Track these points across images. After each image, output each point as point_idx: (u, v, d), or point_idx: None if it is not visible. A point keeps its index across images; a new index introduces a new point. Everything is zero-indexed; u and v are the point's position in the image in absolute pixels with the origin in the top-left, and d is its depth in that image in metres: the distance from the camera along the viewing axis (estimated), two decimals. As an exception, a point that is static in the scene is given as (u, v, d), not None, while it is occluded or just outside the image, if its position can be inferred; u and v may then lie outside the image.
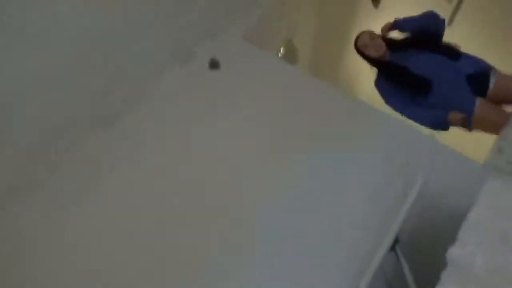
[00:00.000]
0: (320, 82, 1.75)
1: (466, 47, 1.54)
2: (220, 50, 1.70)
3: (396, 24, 1.52)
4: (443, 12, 1.72)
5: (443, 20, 1.52)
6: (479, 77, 1.45)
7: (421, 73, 1.46)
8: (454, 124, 1.45)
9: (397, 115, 1.57)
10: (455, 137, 1.68)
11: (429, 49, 1.50)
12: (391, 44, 1.51)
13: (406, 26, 1.52)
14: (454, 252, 0.87)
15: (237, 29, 1.78)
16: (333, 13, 2.30)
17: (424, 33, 1.49)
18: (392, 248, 1.16)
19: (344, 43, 2.31)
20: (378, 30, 1.56)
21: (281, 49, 2.04)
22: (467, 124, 1.44)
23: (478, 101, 1.43)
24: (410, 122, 1.56)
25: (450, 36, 1.57)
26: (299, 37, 2.18)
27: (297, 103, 1.62)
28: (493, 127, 1.35)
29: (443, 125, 1.47)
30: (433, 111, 1.48)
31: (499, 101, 1.46)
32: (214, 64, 1.61)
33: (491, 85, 1.46)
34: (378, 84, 1.56)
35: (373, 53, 1.48)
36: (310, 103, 1.63)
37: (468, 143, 1.83)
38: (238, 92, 1.63)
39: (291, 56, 2.03)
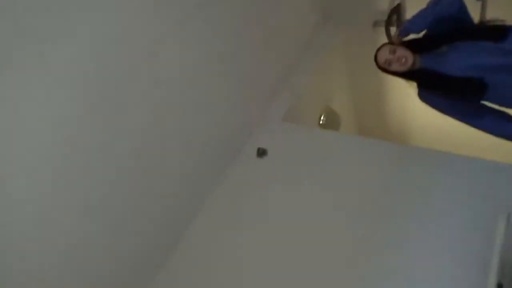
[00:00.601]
0: (372, 140, 1.73)
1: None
2: (263, 137, 1.76)
3: (404, 30, 1.28)
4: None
5: None
6: None
7: (465, 73, 1.18)
8: None
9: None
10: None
11: (462, 38, 1.21)
12: (417, 46, 1.25)
13: (416, 27, 1.27)
14: None
15: (274, 112, 1.84)
16: (365, 69, 2.32)
17: (444, 23, 1.23)
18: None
19: (383, 92, 2.31)
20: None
21: (322, 117, 2.06)
22: None
23: None
24: (479, 154, 1.47)
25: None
26: (337, 101, 2.21)
27: (354, 167, 1.60)
28: None
29: None
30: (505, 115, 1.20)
31: None
32: (261, 153, 1.65)
33: None
34: (423, 97, 1.30)
35: (400, 68, 1.23)
36: (370, 164, 1.59)
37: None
38: (293, 173, 1.63)
39: (333, 122, 2.04)
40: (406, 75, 1.28)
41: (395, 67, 1.24)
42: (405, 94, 2.28)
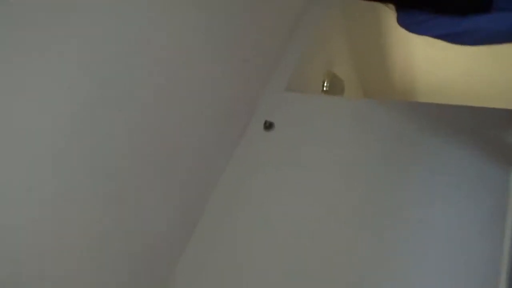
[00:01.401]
0: (378, 100, 1.72)
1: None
2: (268, 110, 1.75)
3: None
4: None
5: None
6: None
7: None
8: None
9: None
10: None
11: None
12: None
13: None
14: None
15: (276, 83, 1.83)
16: (364, 29, 2.28)
17: None
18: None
19: (385, 51, 2.27)
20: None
21: (325, 83, 2.04)
22: None
23: None
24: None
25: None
26: (339, 65, 2.18)
27: (363, 129, 1.59)
28: None
29: None
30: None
31: None
32: (268, 126, 1.65)
33: None
34: (403, 20, 1.04)
35: None
36: (378, 125, 1.57)
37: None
38: (302, 143, 1.63)
39: (337, 87, 2.02)
40: None
41: None
42: (408, 51, 2.25)
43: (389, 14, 1.13)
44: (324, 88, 2.00)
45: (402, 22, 1.05)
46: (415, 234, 1.30)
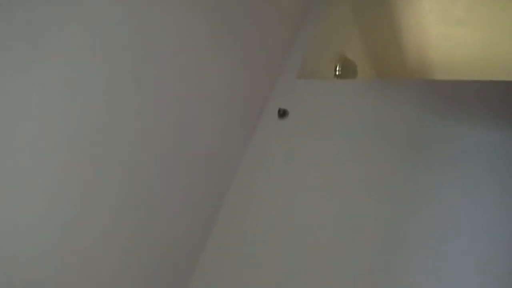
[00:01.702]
0: (393, 80, 1.68)
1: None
2: (282, 98, 1.73)
3: None
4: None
5: None
6: None
7: None
8: None
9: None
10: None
11: None
12: None
13: None
14: None
15: (289, 70, 1.81)
16: (375, 9, 2.24)
17: None
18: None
19: (397, 30, 2.23)
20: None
21: (337, 67, 2.01)
22: None
23: None
24: None
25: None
26: (351, 48, 2.15)
27: (379, 111, 1.56)
28: None
29: None
30: None
31: None
32: (282, 114, 1.63)
33: None
34: None
35: None
36: (395, 106, 1.54)
37: None
38: (317, 129, 1.61)
39: (350, 70, 1.99)
40: None
41: None
42: (421, 29, 2.20)
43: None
44: (337, 73, 1.97)
45: None
46: (438, 223, 1.26)
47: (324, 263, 1.33)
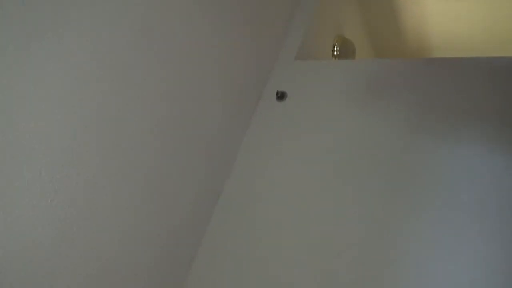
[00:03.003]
0: (392, 60, 1.66)
1: None
2: (280, 80, 1.71)
3: None
4: None
5: None
6: None
7: None
8: None
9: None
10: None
11: None
12: None
13: None
14: None
15: (286, 52, 1.79)
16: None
17: None
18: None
19: (395, 8, 2.20)
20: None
21: (335, 47, 1.99)
22: None
23: None
24: None
25: None
26: (348, 28, 2.12)
27: (379, 92, 1.55)
28: None
29: None
30: None
31: None
32: (281, 96, 1.62)
33: None
34: None
35: None
36: (395, 86, 1.52)
37: None
38: (316, 111, 1.59)
39: (348, 50, 1.97)
40: None
41: None
42: (420, 7, 2.17)
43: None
44: (335, 53, 1.95)
45: None
46: (445, 206, 1.23)
47: (331, 242, 1.34)
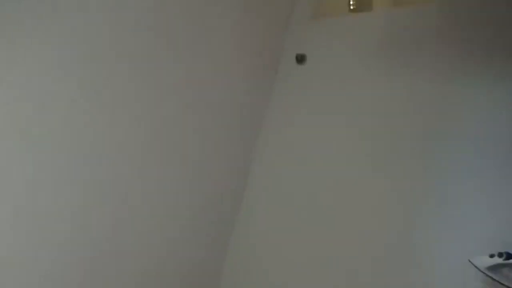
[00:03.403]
0: (412, 8, 1.59)
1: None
2: (298, 43, 1.70)
3: None
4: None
5: None
6: None
7: None
8: None
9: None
10: None
11: None
12: None
13: None
14: None
15: (302, 14, 1.77)
16: None
17: None
18: None
19: None
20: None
21: (351, 0, 1.95)
22: None
23: None
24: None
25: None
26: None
27: (398, 43, 1.50)
28: None
29: None
30: None
31: None
32: (300, 59, 1.62)
33: None
34: None
35: None
36: (416, 35, 1.38)
37: None
38: (338, 72, 1.58)
39: (364, 2, 1.92)
40: None
41: None
42: None
43: None
44: (351, 7, 1.91)
45: None
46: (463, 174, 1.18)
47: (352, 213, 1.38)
